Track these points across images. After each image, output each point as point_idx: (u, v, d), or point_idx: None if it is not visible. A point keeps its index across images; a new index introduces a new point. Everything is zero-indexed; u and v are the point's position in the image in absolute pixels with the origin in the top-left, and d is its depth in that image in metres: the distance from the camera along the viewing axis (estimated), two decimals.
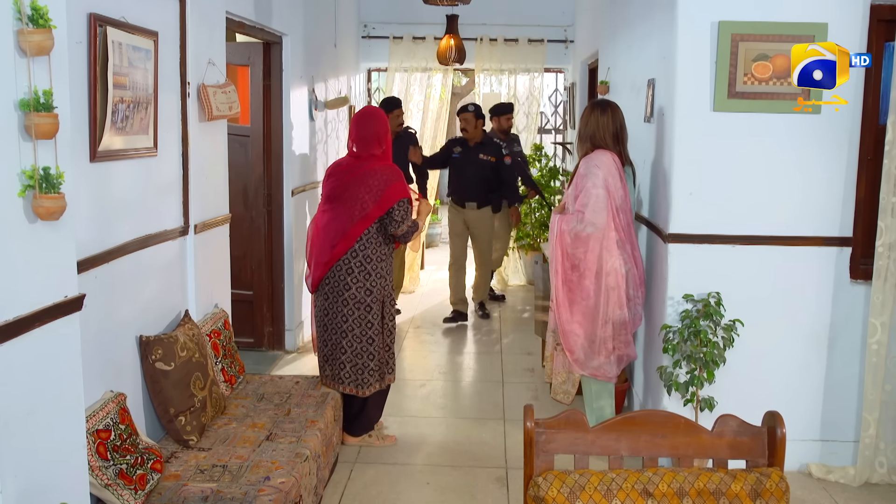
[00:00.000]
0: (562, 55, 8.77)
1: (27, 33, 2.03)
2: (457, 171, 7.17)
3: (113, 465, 2.86)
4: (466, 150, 7.06)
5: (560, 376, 4.35)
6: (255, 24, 5.03)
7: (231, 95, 4.17)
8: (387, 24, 8.68)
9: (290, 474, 3.19)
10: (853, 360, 4.00)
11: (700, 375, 3.84)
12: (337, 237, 4.08)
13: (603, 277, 4.05)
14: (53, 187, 2.12)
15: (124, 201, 3.27)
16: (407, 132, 7.14)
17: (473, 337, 6.72)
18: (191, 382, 3.47)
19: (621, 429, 2.22)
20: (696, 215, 3.97)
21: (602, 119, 4.16)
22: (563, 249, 4.11)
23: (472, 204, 7.10)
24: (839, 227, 3.95)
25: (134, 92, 3.21)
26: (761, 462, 2.20)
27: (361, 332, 4.14)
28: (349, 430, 4.36)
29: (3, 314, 2.01)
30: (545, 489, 2.07)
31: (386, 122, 4.22)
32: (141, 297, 3.42)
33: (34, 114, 2.05)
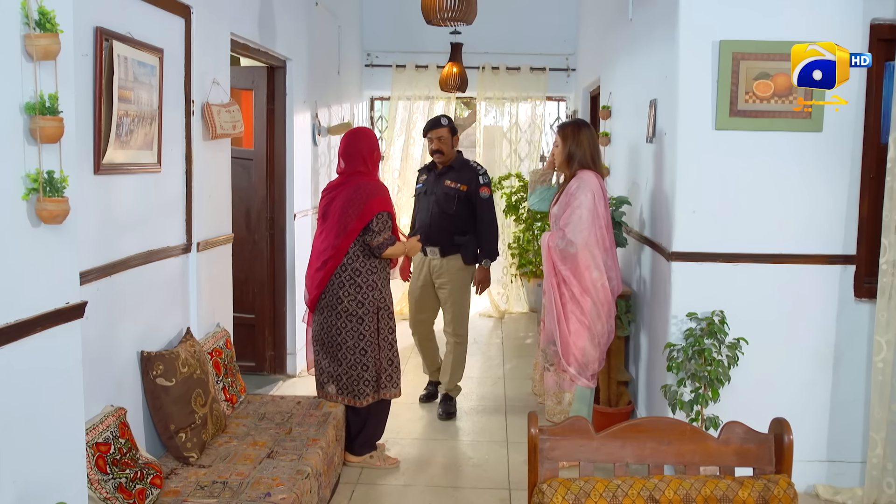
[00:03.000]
0: (563, 83, 8.82)
1: (34, 37, 2.05)
2: (418, 206, 5.41)
3: (112, 478, 2.83)
4: (432, 177, 5.32)
5: (555, 397, 4.36)
6: (260, 47, 5.07)
7: (235, 114, 4.19)
8: (389, 52, 8.75)
9: (292, 490, 3.15)
10: (859, 378, 3.97)
11: (705, 394, 3.81)
12: (326, 254, 4.17)
13: (592, 293, 4.17)
14: (57, 191, 2.12)
15: (127, 215, 3.27)
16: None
17: (476, 363, 6.67)
18: (191, 399, 3.45)
19: (626, 436, 2.20)
20: (699, 233, 3.97)
21: (590, 137, 4.28)
22: (553, 265, 4.25)
23: (433, 250, 5.20)
24: (843, 245, 3.94)
25: (138, 106, 3.22)
26: (768, 470, 2.17)
27: (354, 343, 4.17)
28: (351, 448, 4.33)
29: (4, 317, 2.00)
30: (550, 496, 2.04)
31: (373, 140, 4.29)
32: (142, 313, 3.41)
33: (39, 117, 2.06)
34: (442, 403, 5.35)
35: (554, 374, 4.33)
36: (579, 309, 4.19)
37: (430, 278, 5.31)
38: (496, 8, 8.24)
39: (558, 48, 8.73)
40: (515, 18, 8.65)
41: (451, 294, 5.28)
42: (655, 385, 4.31)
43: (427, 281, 5.33)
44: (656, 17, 4.48)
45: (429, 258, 5.24)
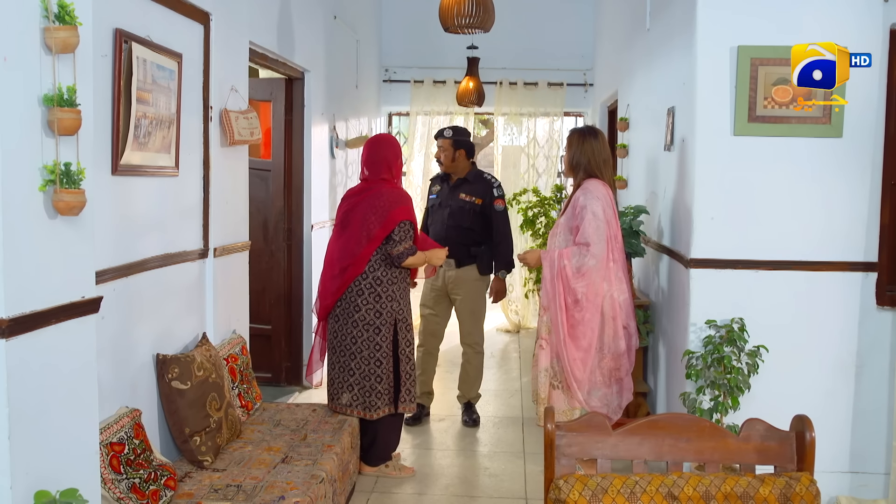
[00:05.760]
0: (581, 98, 8.82)
1: (53, 30, 2.06)
2: (433, 217, 5.39)
3: (126, 478, 2.81)
4: (446, 189, 5.36)
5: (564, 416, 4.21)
6: (278, 58, 5.10)
7: (253, 121, 4.21)
8: (407, 68, 8.79)
9: (306, 494, 3.13)
10: (881, 388, 3.89)
11: (724, 402, 3.75)
12: (346, 261, 4.11)
13: (603, 309, 4.01)
14: (74, 183, 2.12)
15: (144, 218, 3.28)
16: None
17: (494, 375, 6.63)
18: (206, 403, 3.43)
19: (644, 432, 2.17)
20: (717, 240, 3.93)
21: (595, 145, 4.13)
22: (565, 284, 4.03)
23: (448, 262, 5.09)
24: (864, 253, 3.89)
25: (157, 109, 3.24)
26: (790, 468, 2.13)
27: (370, 353, 4.11)
28: (365, 459, 4.29)
29: (20, 307, 2.00)
30: (566, 492, 2.01)
31: (396, 147, 4.26)
32: (158, 316, 3.41)
33: (57, 109, 2.07)
34: (466, 411, 5.40)
35: (562, 392, 4.19)
36: (588, 327, 4.01)
37: (445, 290, 5.31)
38: (513, 23, 8.28)
39: (576, 64, 8.74)
40: (533, 34, 8.68)
41: (468, 305, 5.29)
42: (674, 395, 4.25)
43: (442, 292, 5.32)
44: (674, 25, 4.47)
45: (444, 269, 5.21)
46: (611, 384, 4.10)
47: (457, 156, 5.23)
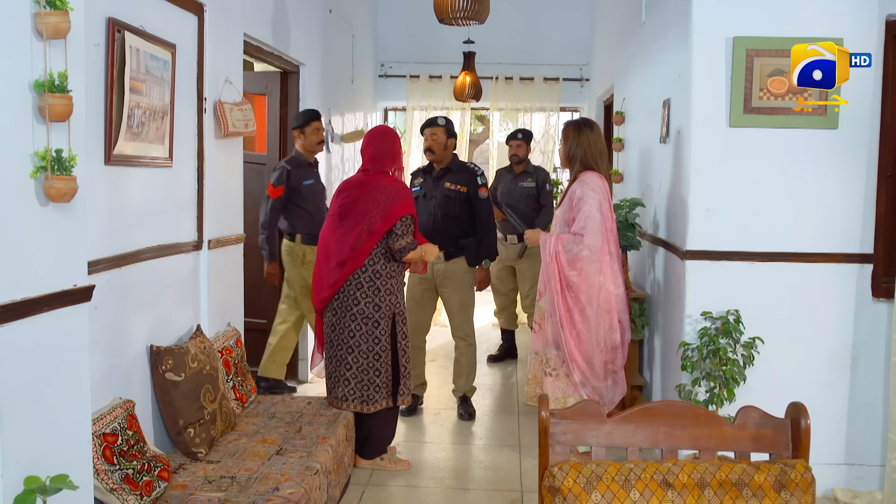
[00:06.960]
0: (577, 94, 8.81)
1: (44, 15, 2.05)
2: (418, 210, 5.14)
3: (119, 469, 2.80)
4: (430, 180, 5.29)
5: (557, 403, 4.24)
6: (273, 50, 5.08)
7: (247, 113, 4.19)
8: (403, 63, 8.77)
9: (300, 486, 3.12)
10: (877, 380, 3.90)
11: (720, 394, 3.75)
12: (346, 255, 4.06)
13: (596, 300, 4.04)
14: (65, 169, 2.11)
15: (138, 208, 3.26)
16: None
17: (489, 369, 6.62)
18: (201, 394, 3.42)
19: (639, 420, 2.16)
20: (713, 232, 3.93)
21: (591, 137, 4.17)
22: (560, 269, 4.09)
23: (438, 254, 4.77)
24: (860, 244, 3.88)
25: (150, 100, 3.23)
26: (785, 455, 2.12)
27: (368, 347, 4.09)
28: (360, 452, 4.28)
29: (10, 294, 1.99)
30: (561, 479, 2.00)
31: (399, 142, 4.23)
32: (152, 307, 3.39)
33: (48, 94, 2.06)
34: (462, 405, 5.37)
35: (556, 379, 4.21)
36: (583, 315, 4.08)
37: (434, 283, 5.28)
38: (509, 18, 8.27)
39: (572, 59, 8.73)
40: (529, 29, 8.67)
41: (457, 297, 5.26)
42: (670, 388, 4.25)
43: (430, 285, 5.29)
44: (670, 17, 4.46)
45: (432, 262, 5.08)
46: (605, 377, 4.13)
47: (448, 144, 5.20)
